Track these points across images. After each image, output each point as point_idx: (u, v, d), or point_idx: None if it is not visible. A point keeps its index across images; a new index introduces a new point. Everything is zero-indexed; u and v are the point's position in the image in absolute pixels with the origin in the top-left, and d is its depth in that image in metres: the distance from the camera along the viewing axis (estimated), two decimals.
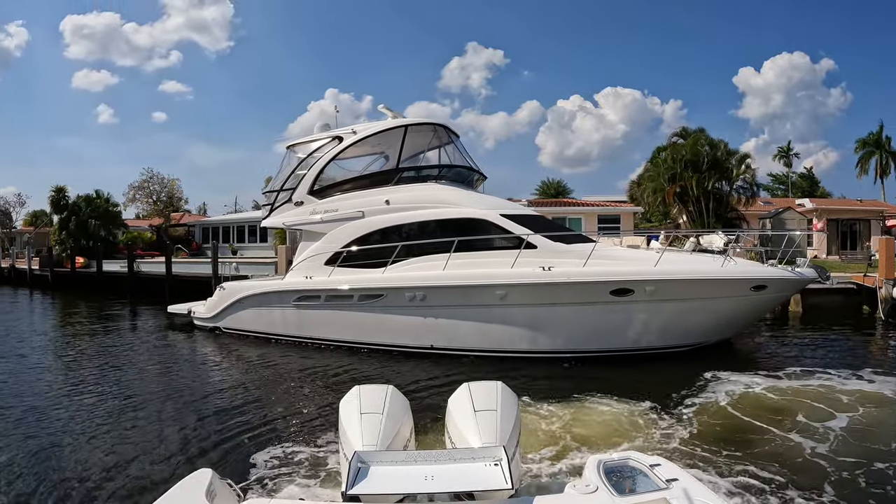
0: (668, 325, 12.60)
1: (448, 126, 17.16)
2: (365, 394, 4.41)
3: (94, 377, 12.66)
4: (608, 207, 34.82)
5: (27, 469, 7.27)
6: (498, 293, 12.72)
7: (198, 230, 45.68)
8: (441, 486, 3.22)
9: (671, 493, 3.12)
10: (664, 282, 12.06)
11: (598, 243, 13.32)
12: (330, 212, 15.50)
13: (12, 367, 14.15)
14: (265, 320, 15.96)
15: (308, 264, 15.38)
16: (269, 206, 17.35)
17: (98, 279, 34.32)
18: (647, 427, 8.28)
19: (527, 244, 13.00)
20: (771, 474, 6.61)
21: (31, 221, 64.75)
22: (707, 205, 32.18)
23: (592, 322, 12.55)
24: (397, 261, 13.93)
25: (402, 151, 15.62)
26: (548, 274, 12.38)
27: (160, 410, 9.88)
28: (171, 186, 46.57)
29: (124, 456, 7.70)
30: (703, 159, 32.36)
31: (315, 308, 14.81)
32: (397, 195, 14.85)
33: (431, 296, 13.30)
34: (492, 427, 3.92)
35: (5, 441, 8.38)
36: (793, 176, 69.99)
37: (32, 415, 9.73)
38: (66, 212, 40.71)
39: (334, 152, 16.05)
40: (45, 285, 38.30)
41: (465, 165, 16.41)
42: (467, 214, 14.02)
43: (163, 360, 15.00)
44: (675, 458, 6.78)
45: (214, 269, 24.30)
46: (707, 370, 11.05)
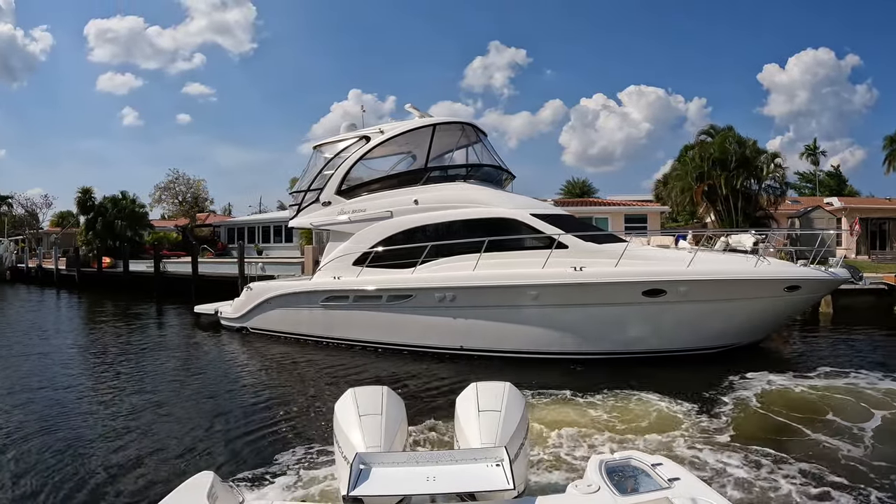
0: (700, 327, 12.35)
1: (476, 125, 17.02)
2: (361, 395, 4.37)
3: (117, 375, 12.88)
4: (635, 207, 34.42)
5: (37, 463, 7.42)
6: (529, 294, 12.55)
7: (223, 230, 45.91)
8: (443, 487, 3.20)
9: (673, 492, 3.08)
10: (697, 282, 11.83)
11: (629, 243, 13.11)
12: (358, 212, 15.39)
13: (38, 364, 14.43)
14: (293, 320, 15.90)
15: (336, 264, 15.29)
16: (297, 206, 17.28)
17: (124, 279, 34.60)
18: (679, 426, 8.21)
19: (558, 244, 12.79)
20: (804, 473, 6.55)
21: (57, 222, 65.63)
22: (735, 204, 31.75)
23: (625, 323, 12.36)
24: (426, 261, 13.80)
25: (431, 151, 15.50)
26: (580, 274, 12.19)
27: (174, 409, 10.01)
28: (196, 187, 46.88)
29: (132, 453, 7.79)
30: (731, 157, 31.92)
31: (343, 308, 14.73)
32: (426, 195, 14.71)
33: (462, 296, 13.15)
34: (494, 428, 3.88)
35: (21, 434, 8.57)
36: (820, 174, 69.03)
37: (54, 409, 9.95)
38: (93, 212, 41.16)
39: (362, 152, 15.95)
40: (71, 285, 38.72)
41: (494, 164, 16.24)
42: (497, 214, 13.85)
43: (187, 359, 15.09)
44: (710, 457, 6.97)
45: (241, 269, 24.33)
46: (739, 370, 10.95)
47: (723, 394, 9.76)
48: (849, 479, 6.39)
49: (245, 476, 6.73)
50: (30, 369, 13.72)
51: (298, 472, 6.81)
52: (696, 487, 3.15)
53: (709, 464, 6.81)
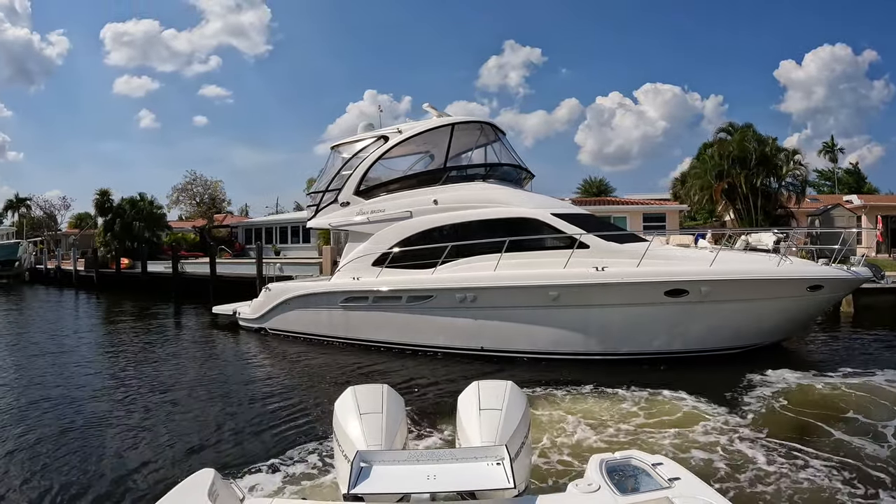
0: (722, 327, 12.18)
1: (494, 124, 16.91)
2: (361, 394, 4.35)
3: (133, 374, 13.05)
4: (653, 206, 34.20)
5: (47, 458, 7.65)
6: (551, 294, 12.42)
7: (241, 231, 46.14)
8: (443, 486, 3.19)
9: (673, 491, 3.06)
10: (720, 282, 11.66)
11: (651, 242, 12.98)
12: (377, 212, 15.34)
13: (56, 361, 14.71)
14: (312, 321, 15.88)
15: (355, 265, 15.25)
16: (315, 206, 17.26)
17: (143, 280, 34.76)
18: (702, 425, 8.19)
19: (579, 244, 12.67)
20: (826, 471, 6.56)
21: (75, 224, 66.13)
22: (755, 202, 31.48)
23: (647, 323, 12.20)
24: (446, 261, 13.71)
25: (450, 150, 15.41)
26: (601, 274, 12.07)
27: (186, 407, 10.20)
28: (214, 188, 47.07)
29: (139, 449, 7.98)
30: (750, 155, 31.64)
31: (363, 309, 14.67)
32: (445, 195, 14.63)
33: (482, 297, 13.05)
34: (494, 426, 3.86)
35: (34, 430, 8.82)
36: (838, 172, 68.39)
37: (69, 406, 10.23)
38: (111, 214, 41.39)
39: (380, 152, 15.89)
40: (90, 286, 39.01)
41: (514, 164, 16.14)
42: (518, 214, 13.74)
43: (203, 359, 15.14)
44: (733, 455, 7.04)
45: (259, 269, 24.30)
46: (761, 370, 10.93)
47: (745, 393, 9.74)
48: (871, 478, 6.38)
49: (247, 473, 6.80)
50: (47, 367, 14.04)
51: (301, 470, 6.88)
52: (697, 487, 3.14)
53: (731, 461, 6.86)
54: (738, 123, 35.02)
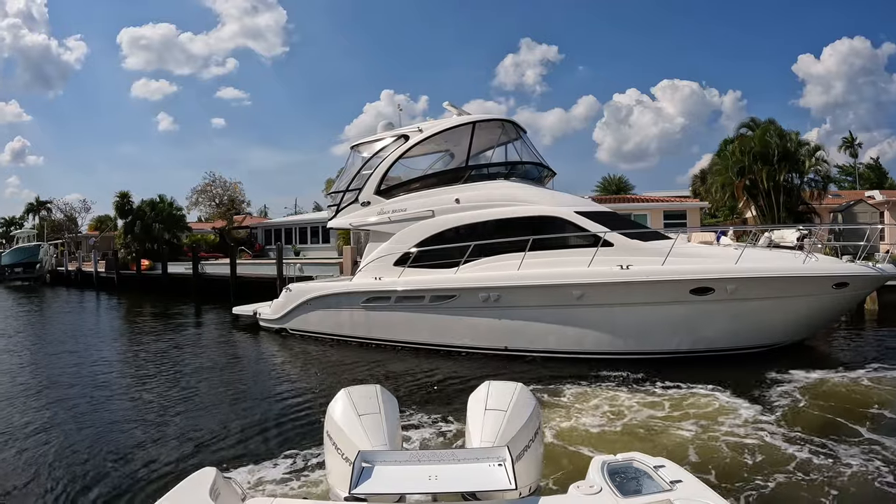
0: (748, 325, 12.03)
1: (515, 121, 16.79)
2: (356, 395, 4.27)
3: (152, 373, 13.24)
4: (674, 203, 33.89)
5: (58, 452, 7.88)
6: (575, 293, 12.31)
7: (260, 232, 46.31)
8: (445, 486, 3.15)
9: (675, 494, 3.02)
10: (746, 280, 11.52)
11: (676, 240, 12.83)
12: (398, 211, 15.27)
13: (77, 360, 15.00)
14: (333, 322, 15.83)
15: (377, 265, 15.18)
16: (335, 206, 17.19)
17: (163, 281, 35.03)
18: (728, 423, 8.14)
19: (603, 242, 12.54)
20: (851, 467, 6.55)
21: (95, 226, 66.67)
22: (777, 198, 31.08)
23: (671, 322, 12.05)
24: (469, 260, 13.62)
25: (471, 149, 15.32)
26: (626, 273, 11.94)
27: (200, 405, 10.34)
28: (233, 189, 47.21)
29: (148, 446, 8.13)
30: (772, 151, 31.20)
31: (385, 309, 14.60)
32: (467, 193, 14.53)
33: (506, 296, 12.94)
34: (496, 427, 3.82)
35: (50, 425, 9.13)
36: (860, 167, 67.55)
37: (86, 404, 10.52)
38: (131, 216, 41.64)
39: (400, 151, 15.82)
40: (111, 287, 39.46)
41: (536, 162, 16.02)
42: (541, 212, 13.62)
43: (223, 359, 15.23)
44: (759, 452, 7.01)
45: (279, 270, 24.35)
46: (786, 368, 10.90)
47: (771, 391, 9.65)
48: None
49: (250, 471, 6.84)
50: (69, 365, 14.36)
51: (303, 470, 6.87)
52: (699, 490, 3.09)
53: (758, 458, 6.87)
54: (759, 119, 34.70)
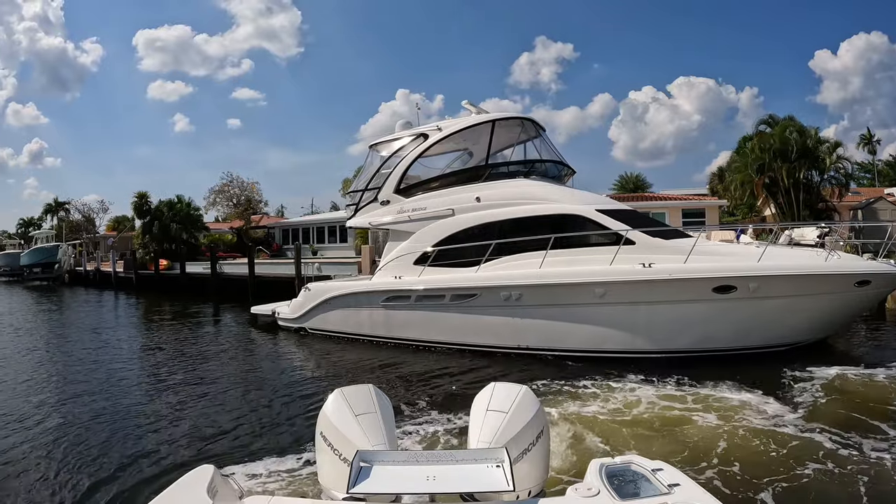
0: (770, 323, 11.92)
1: (535, 120, 16.68)
2: (350, 395, 4.18)
3: (169, 371, 13.44)
4: (692, 201, 33.63)
5: (71, 445, 8.17)
6: (598, 291, 12.22)
7: (278, 231, 46.57)
8: (443, 487, 3.11)
9: (673, 497, 2.98)
10: (769, 278, 11.40)
11: (698, 238, 12.73)
12: (418, 210, 15.21)
13: (96, 357, 15.37)
14: (352, 321, 15.81)
15: (396, 264, 15.14)
16: (354, 205, 17.18)
17: (181, 281, 35.19)
18: (753, 422, 8.12)
19: (625, 240, 12.47)
20: (876, 464, 6.58)
21: (113, 226, 67.21)
22: (797, 196, 30.82)
23: (694, 320, 11.94)
24: (489, 259, 13.57)
25: (491, 147, 15.26)
26: (649, 271, 11.85)
27: (209, 402, 10.52)
28: (250, 189, 47.48)
29: (157, 443, 8.26)
30: (792, 148, 30.94)
31: (404, 308, 14.56)
32: (488, 192, 14.45)
33: (527, 295, 12.87)
34: (495, 428, 3.74)
35: (65, 418, 9.54)
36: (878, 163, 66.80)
37: (103, 397, 10.94)
38: (149, 216, 41.91)
39: (420, 150, 15.78)
40: (129, 287, 39.69)
41: (556, 160, 15.92)
42: (562, 210, 13.52)
43: (241, 357, 15.36)
44: (785, 452, 6.99)
45: (297, 269, 24.38)
46: (808, 366, 10.82)
47: (793, 389, 9.65)
48: None
49: (248, 470, 6.86)
50: (87, 362, 14.78)
51: (303, 468, 6.88)
52: (696, 494, 3.06)
53: (779, 454, 6.90)
54: (777, 115, 34.43)
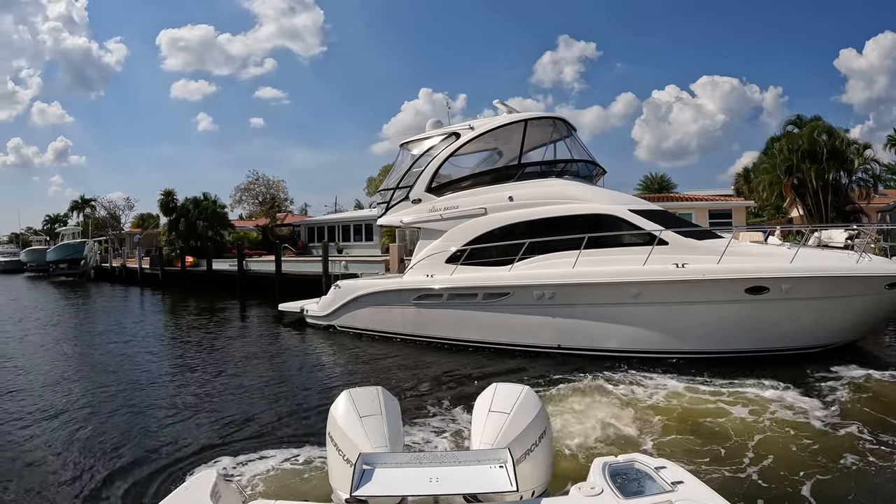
0: (802, 325, 11.86)
1: (566, 119, 16.68)
2: (357, 396, 4.28)
3: (195, 365, 13.78)
4: (719, 202, 33.41)
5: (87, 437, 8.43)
6: (632, 291, 12.22)
7: (303, 229, 46.91)
8: (446, 488, 3.17)
9: (677, 495, 3.02)
10: (801, 279, 11.34)
11: (731, 239, 12.70)
12: (450, 209, 15.28)
13: (122, 351, 15.79)
14: (383, 319, 15.87)
15: (428, 262, 15.21)
16: (385, 204, 17.28)
17: (208, 277, 35.58)
18: (785, 423, 8.11)
19: (658, 240, 12.47)
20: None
21: (138, 223, 67.97)
22: (825, 198, 30.56)
23: (725, 321, 11.92)
24: (522, 258, 13.60)
25: (523, 146, 15.29)
26: (683, 271, 11.83)
27: (228, 397, 10.69)
28: (276, 187, 47.82)
29: (172, 435, 8.42)
30: (820, 149, 30.68)
31: (436, 307, 14.62)
32: (521, 191, 14.49)
33: (561, 294, 12.88)
34: (497, 429, 3.82)
35: (87, 409, 9.88)
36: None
37: (127, 390, 11.27)
38: (176, 213, 42.28)
39: (452, 148, 15.85)
40: (155, 283, 40.17)
41: (587, 160, 15.93)
42: (595, 210, 13.54)
43: (268, 354, 15.47)
44: (816, 453, 6.98)
45: (325, 267, 24.53)
46: (838, 368, 10.75)
47: (822, 391, 9.59)
48: None
49: (265, 464, 6.90)
50: (114, 354, 15.29)
51: (316, 465, 6.86)
52: (700, 491, 3.09)
53: (811, 458, 6.86)
54: (804, 116, 34.18)
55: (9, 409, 10.06)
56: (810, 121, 33.12)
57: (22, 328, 21.41)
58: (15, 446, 8.15)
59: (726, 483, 6.26)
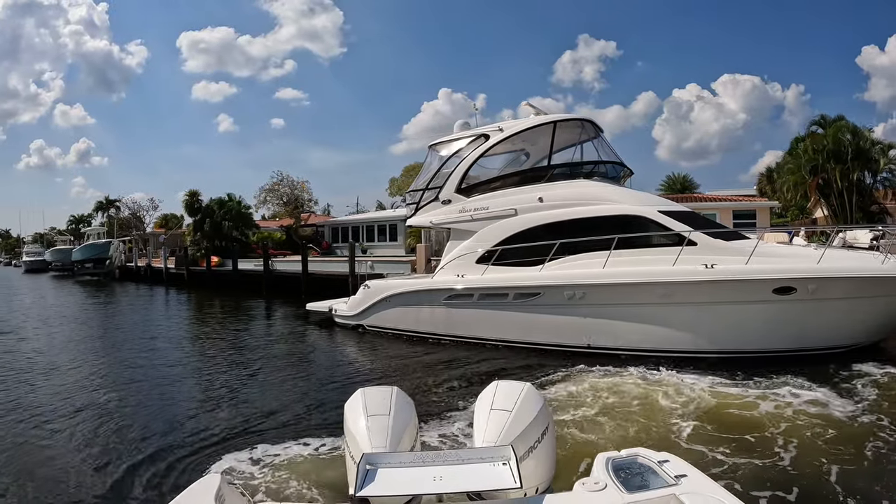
0: (827, 325, 11.92)
1: (593, 121, 16.81)
2: (370, 395, 4.35)
3: (222, 363, 14.03)
4: (743, 202, 33.21)
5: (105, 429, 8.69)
6: (661, 291, 12.35)
7: (327, 230, 47.25)
8: (450, 487, 3.18)
9: (680, 488, 3.03)
10: (828, 280, 11.43)
11: (759, 240, 12.78)
12: (480, 210, 15.47)
13: (152, 346, 16.41)
14: (412, 319, 16.05)
15: (458, 263, 15.41)
16: (414, 205, 17.50)
17: (234, 277, 35.99)
18: (807, 424, 8.10)
19: (687, 241, 12.59)
20: None
21: (161, 224, 68.78)
22: (850, 198, 30.41)
23: (753, 321, 12.01)
24: (553, 259, 13.76)
25: (553, 148, 15.46)
26: (712, 272, 11.93)
27: (258, 391, 10.99)
28: (300, 188, 48.18)
29: (193, 429, 8.60)
30: (845, 149, 30.53)
31: (467, 307, 14.79)
32: (550, 192, 14.66)
33: (591, 294, 13.04)
34: (500, 426, 3.86)
35: (109, 402, 10.21)
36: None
37: (151, 384, 11.71)
38: (200, 214, 42.68)
39: (481, 150, 16.06)
40: (180, 283, 40.71)
41: (616, 161, 16.06)
42: (625, 211, 13.69)
43: (296, 351, 15.89)
44: (842, 454, 6.93)
45: (351, 267, 24.80)
46: (864, 369, 10.84)
47: (851, 389, 9.69)
48: None
49: (256, 477, 6.75)
50: (142, 350, 15.77)
51: (313, 472, 6.79)
52: (704, 484, 3.12)
53: (840, 447, 6.99)
54: (828, 116, 33.99)
55: (40, 400, 10.55)
56: (834, 120, 32.92)
57: (51, 324, 22.01)
58: (45, 437, 8.53)
59: (755, 474, 6.41)
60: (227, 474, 3.37)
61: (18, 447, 8.07)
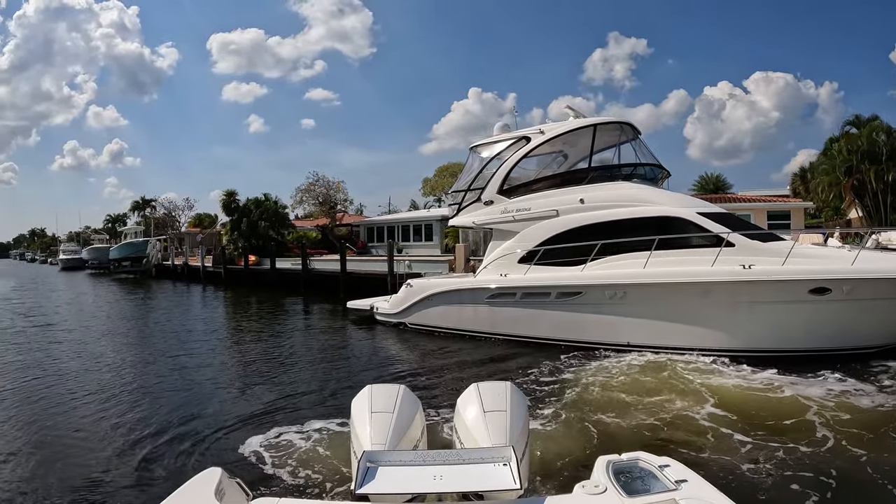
0: (862, 325, 12.13)
1: (632, 124, 17.14)
2: (376, 393, 4.48)
3: (262, 358, 14.62)
4: (777, 203, 33.10)
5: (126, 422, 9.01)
6: (700, 291, 12.66)
7: (362, 229, 47.87)
8: (450, 486, 3.25)
9: (680, 493, 3.10)
10: (862, 281, 11.63)
11: (795, 242, 13.01)
12: (522, 211, 15.85)
13: (188, 339, 17.24)
14: (454, 317, 16.44)
15: (501, 262, 15.80)
16: (457, 205, 17.92)
17: (271, 276, 36.60)
18: (843, 423, 8.15)
19: (726, 242, 12.89)
20: None
21: (195, 223, 69.84)
22: (885, 199, 30.27)
23: (789, 321, 12.25)
24: (595, 259, 14.11)
25: (593, 150, 15.83)
26: (750, 272, 12.20)
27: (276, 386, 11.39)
28: (336, 188, 48.77)
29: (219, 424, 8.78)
30: (880, 149, 30.41)
31: (510, 305, 15.17)
32: (591, 194, 14.99)
33: (632, 293, 13.39)
34: (502, 427, 3.96)
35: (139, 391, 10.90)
36: None
37: (196, 377, 12.31)
38: (237, 213, 43.38)
39: (523, 152, 16.44)
40: (217, 281, 41.59)
41: (654, 163, 16.37)
42: (665, 213, 13.99)
43: (339, 347, 16.42)
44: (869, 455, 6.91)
45: (390, 266, 25.28)
46: None
47: (886, 385, 9.88)
48: None
49: (256, 472, 6.80)
50: (181, 343, 16.63)
51: (314, 468, 6.78)
52: (704, 489, 3.14)
53: (868, 460, 6.85)
54: (862, 115, 33.79)
55: (67, 385, 11.45)
56: (868, 120, 32.74)
57: (97, 316, 23.14)
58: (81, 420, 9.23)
59: (798, 464, 6.60)
60: (228, 468, 3.53)
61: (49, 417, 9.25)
